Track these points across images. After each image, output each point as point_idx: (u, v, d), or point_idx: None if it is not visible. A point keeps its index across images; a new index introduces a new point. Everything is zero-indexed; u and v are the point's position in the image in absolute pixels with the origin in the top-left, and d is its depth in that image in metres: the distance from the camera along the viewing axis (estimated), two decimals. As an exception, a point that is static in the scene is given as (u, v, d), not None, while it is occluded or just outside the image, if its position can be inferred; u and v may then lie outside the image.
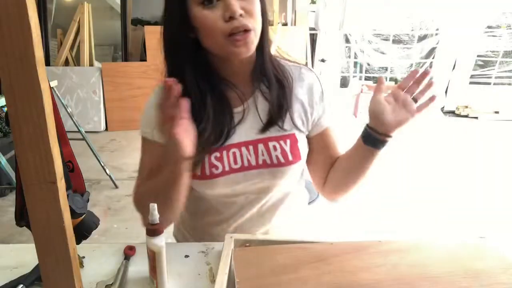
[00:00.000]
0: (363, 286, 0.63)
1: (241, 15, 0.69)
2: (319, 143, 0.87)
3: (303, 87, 0.85)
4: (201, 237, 0.92)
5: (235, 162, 0.79)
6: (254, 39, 0.73)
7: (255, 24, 0.72)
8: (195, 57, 0.76)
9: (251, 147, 0.80)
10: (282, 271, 0.66)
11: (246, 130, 0.81)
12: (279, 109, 0.81)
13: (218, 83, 0.79)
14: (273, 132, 0.81)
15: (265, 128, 0.81)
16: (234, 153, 0.79)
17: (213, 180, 0.79)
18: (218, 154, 0.79)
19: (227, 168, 0.79)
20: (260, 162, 0.80)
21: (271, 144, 0.80)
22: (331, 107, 0.87)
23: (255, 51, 0.77)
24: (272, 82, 0.81)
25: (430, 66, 5.58)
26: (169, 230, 0.90)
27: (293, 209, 0.93)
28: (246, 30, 0.70)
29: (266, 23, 0.77)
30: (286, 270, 0.66)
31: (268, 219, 0.89)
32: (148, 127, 0.79)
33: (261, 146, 0.80)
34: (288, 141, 0.81)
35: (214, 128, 0.77)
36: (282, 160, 0.80)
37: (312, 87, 0.86)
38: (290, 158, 0.80)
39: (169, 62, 0.79)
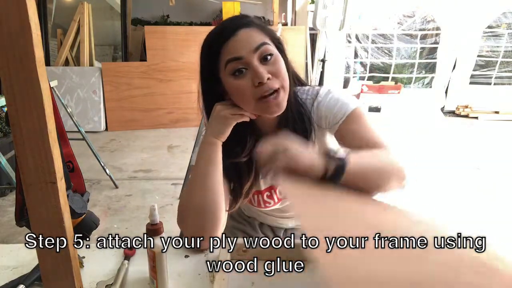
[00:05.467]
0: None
1: (268, 78, 0.75)
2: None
3: (321, 113, 0.88)
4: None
5: (281, 193, 0.96)
6: (283, 96, 0.78)
7: (283, 82, 0.78)
8: None
9: None
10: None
11: None
12: None
13: (255, 128, 0.88)
14: None
15: None
16: (279, 190, 0.96)
17: (267, 210, 1.02)
18: (269, 193, 0.97)
19: (276, 201, 0.98)
20: None
21: None
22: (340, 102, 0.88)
23: None
24: (297, 127, 0.86)
25: (431, 66, 5.58)
26: (168, 229, 0.90)
27: None
28: (275, 90, 0.76)
29: (291, 77, 0.82)
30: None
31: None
32: None
33: None
34: None
35: (252, 178, 0.90)
36: None
37: (329, 111, 0.87)
38: None
39: (207, 110, 0.86)
